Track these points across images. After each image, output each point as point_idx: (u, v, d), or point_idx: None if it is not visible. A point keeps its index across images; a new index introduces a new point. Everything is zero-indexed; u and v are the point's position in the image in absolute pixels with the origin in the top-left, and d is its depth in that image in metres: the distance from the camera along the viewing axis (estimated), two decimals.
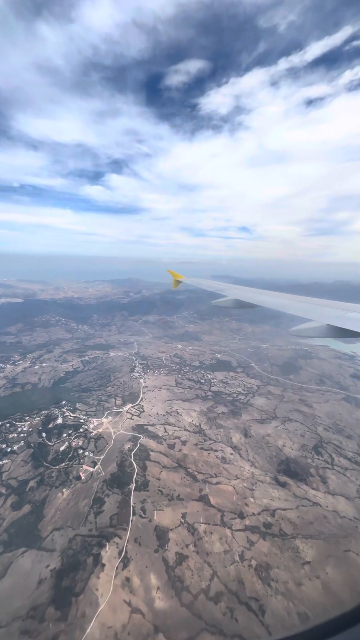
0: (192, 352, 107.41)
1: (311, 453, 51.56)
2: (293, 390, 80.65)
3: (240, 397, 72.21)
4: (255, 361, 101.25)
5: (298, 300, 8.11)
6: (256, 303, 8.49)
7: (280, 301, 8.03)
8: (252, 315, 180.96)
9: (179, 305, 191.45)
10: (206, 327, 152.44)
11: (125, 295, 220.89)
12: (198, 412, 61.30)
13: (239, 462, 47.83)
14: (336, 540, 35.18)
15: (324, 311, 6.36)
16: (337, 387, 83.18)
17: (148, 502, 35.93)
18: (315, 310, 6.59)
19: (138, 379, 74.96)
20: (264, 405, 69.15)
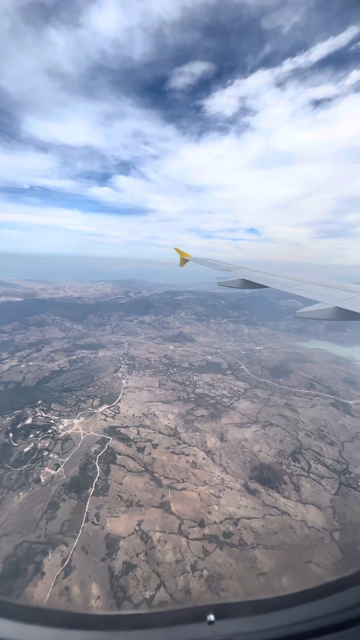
0: (182, 353, 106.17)
1: (288, 459, 49.77)
2: (281, 394, 78.60)
3: (224, 400, 70.65)
4: (246, 363, 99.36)
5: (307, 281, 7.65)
6: (263, 283, 8.23)
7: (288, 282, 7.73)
8: (250, 316, 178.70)
9: (177, 306, 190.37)
10: (202, 329, 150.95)
11: (125, 295, 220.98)
12: (176, 414, 60.10)
13: (210, 467, 46.45)
14: (299, 551, 33.57)
15: (332, 293, 6.07)
16: (326, 391, 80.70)
17: (104, 508, 34.99)
18: (323, 292, 6.32)
19: (120, 379, 74.24)
20: (247, 409, 67.46)
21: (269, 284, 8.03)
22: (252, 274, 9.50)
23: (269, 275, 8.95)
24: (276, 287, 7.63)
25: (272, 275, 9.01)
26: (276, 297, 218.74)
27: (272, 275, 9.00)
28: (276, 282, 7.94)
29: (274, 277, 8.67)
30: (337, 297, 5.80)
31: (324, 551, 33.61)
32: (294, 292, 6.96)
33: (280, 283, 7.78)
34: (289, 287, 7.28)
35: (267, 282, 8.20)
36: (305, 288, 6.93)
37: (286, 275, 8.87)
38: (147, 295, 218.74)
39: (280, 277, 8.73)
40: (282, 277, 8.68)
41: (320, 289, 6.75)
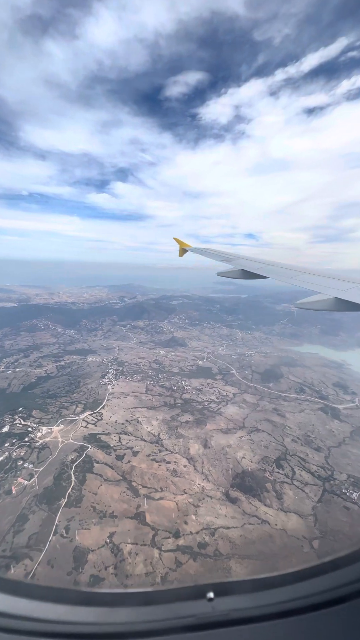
0: (173, 358, 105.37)
1: (272, 466, 48.77)
2: (270, 398, 77.75)
3: (211, 406, 69.71)
4: (237, 368, 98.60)
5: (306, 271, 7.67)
6: (263, 274, 8.21)
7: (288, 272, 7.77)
8: (245, 321, 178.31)
9: (171, 310, 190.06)
10: (195, 333, 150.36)
11: (120, 300, 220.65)
12: (160, 420, 59.10)
13: (191, 475, 45.40)
14: (275, 560, 32.48)
15: (332, 284, 6.08)
16: (316, 396, 79.90)
17: (75, 520, 33.88)
18: (323, 282, 6.32)
19: (106, 385, 73.27)
20: (234, 414, 66.52)
21: (269, 274, 8.01)
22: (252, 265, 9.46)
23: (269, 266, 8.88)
24: (275, 277, 7.60)
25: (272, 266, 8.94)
26: (271, 302, 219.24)
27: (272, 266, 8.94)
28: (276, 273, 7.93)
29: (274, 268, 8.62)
30: (337, 287, 5.77)
31: (302, 560, 32.52)
32: (294, 282, 6.90)
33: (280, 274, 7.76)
34: (288, 278, 7.23)
35: (267, 272, 8.15)
36: (304, 278, 6.88)
37: (286, 266, 8.81)
38: (142, 300, 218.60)
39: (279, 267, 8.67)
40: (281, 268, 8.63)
41: (320, 279, 6.67)
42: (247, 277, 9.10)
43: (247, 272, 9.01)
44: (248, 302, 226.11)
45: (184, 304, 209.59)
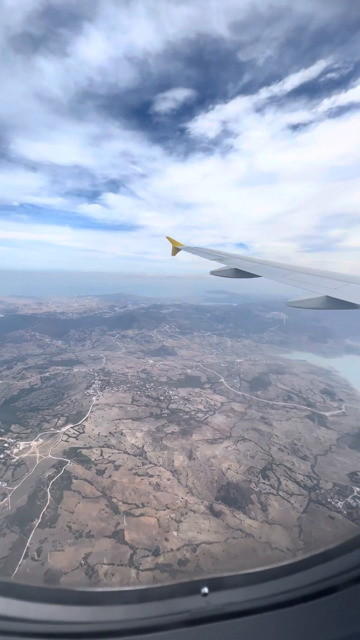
0: (162, 367, 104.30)
1: (257, 477, 47.91)
2: (258, 407, 77.34)
3: (198, 415, 68.72)
4: (225, 376, 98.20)
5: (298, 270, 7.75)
6: (256, 272, 8.22)
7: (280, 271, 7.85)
8: (235, 329, 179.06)
9: (161, 319, 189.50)
10: (185, 342, 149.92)
11: (110, 309, 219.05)
12: (145, 432, 57.72)
13: (175, 488, 44.09)
14: None
15: (323, 282, 6.11)
16: (304, 403, 79.97)
17: (49, 541, 32.14)
18: (314, 281, 6.34)
19: (91, 396, 71.55)
20: (221, 423, 65.68)
21: (261, 273, 8.06)
22: (244, 264, 9.46)
23: (261, 265, 8.95)
24: (268, 276, 7.65)
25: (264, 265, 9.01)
26: (261, 310, 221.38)
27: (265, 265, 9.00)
28: (268, 272, 7.99)
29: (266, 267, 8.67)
30: (328, 286, 5.80)
31: None
32: (286, 281, 6.94)
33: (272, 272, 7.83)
34: (280, 277, 7.28)
35: (260, 271, 8.20)
36: (296, 277, 6.96)
37: (278, 265, 8.84)
38: (133, 309, 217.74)
39: (271, 266, 8.71)
40: (273, 267, 8.66)
41: (312, 278, 6.73)
42: (239, 276, 9.13)
43: (239, 271, 9.07)
44: (239, 311, 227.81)
45: (175, 312, 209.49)
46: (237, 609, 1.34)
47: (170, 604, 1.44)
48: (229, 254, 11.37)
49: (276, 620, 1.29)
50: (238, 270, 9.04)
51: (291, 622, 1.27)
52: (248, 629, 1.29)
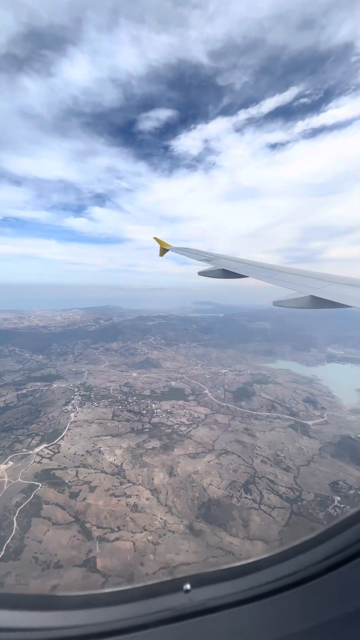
0: (146, 380, 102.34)
1: (239, 491, 46.73)
2: (241, 418, 76.73)
3: (181, 429, 67.18)
4: (209, 387, 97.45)
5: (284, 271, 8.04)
6: (243, 273, 8.46)
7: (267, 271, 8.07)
8: (220, 339, 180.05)
9: (147, 331, 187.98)
10: (170, 353, 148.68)
11: (95, 322, 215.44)
12: (124, 449, 55.54)
13: (153, 508, 42.13)
14: None
15: (308, 282, 6.35)
16: (287, 412, 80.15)
17: (11, 575, 29.46)
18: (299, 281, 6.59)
19: (70, 413, 68.66)
20: (204, 436, 64.39)
21: (248, 273, 8.27)
22: (231, 264, 9.61)
23: (248, 266, 9.16)
24: (254, 277, 7.86)
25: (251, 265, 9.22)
26: (247, 320, 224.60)
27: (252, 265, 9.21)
28: (255, 272, 8.22)
29: (253, 268, 8.89)
30: (312, 286, 6.01)
31: None
32: (272, 281, 7.11)
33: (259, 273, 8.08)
34: (266, 277, 7.51)
35: (246, 271, 8.41)
36: (282, 277, 7.18)
37: (265, 265, 9.01)
38: (118, 321, 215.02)
39: (258, 267, 8.91)
40: (260, 268, 8.85)
41: (296, 278, 6.95)
42: (227, 277, 9.23)
43: (227, 271, 9.19)
44: (224, 321, 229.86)
45: (161, 324, 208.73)
46: (219, 603, 1.37)
47: (153, 603, 1.45)
48: (216, 255, 11.57)
49: (256, 611, 1.33)
50: (225, 270, 9.23)
51: (271, 612, 1.32)
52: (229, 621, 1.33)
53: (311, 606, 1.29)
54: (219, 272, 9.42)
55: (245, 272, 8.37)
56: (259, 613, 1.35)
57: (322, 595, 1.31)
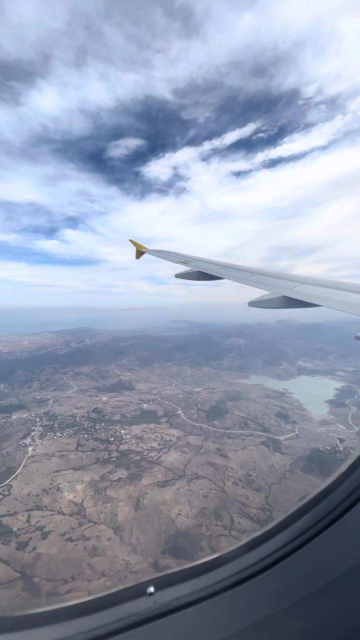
0: (116, 404, 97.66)
1: (209, 519, 44.28)
2: (215, 438, 75.00)
3: (152, 455, 63.77)
4: (182, 408, 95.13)
5: (259, 272, 8.00)
6: (218, 275, 8.60)
7: (242, 274, 8.06)
8: (195, 357, 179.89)
9: (120, 352, 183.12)
10: (144, 374, 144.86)
11: (65, 345, 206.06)
12: (87, 483, 51.04)
13: (115, 549, 38.24)
14: None
15: (280, 283, 6.45)
16: (259, 429, 79.91)
17: None
18: (272, 282, 6.66)
19: (27, 447, 62.57)
20: (175, 461, 61.49)
21: (223, 275, 8.44)
22: (208, 266, 9.69)
23: (224, 268, 9.28)
24: (230, 279, 8.02)
25: (227, 267, 9.34)
26: (221, 337, 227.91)
27: (227, 267, 9.33)
28: (230, 274, 8.36)
29: (229, 270, 9.02)
30: (285, 287, 6.23)
31: None
32: (247, 283, 7.22)
33: (234, 275, 8.26)
34: (242, 279, 7.64)
35: (222, 273, 8.57)
36: (257, 279, 7.37)
37: (239, 267, 9.13)
38: (90, 343, 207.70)
39: (233, 269, 9.01)
40: (235, 270, 8.94)
41: (270, 279, 7.16)
42: (203, 279, 9.38)
43: (203, 273, 9.31)
44: (199, 339, 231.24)
45: (135, 344, 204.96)
46: (183, 602, 1.37)
47: (118, 610, 1.42)
48: (192, 257, 11.55)
49: (218, 606, 1.36)
50: (202, 272, 9.36)
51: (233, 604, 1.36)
52: (193, 618, 1.34)
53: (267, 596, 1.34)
54: (196, 274, 9.53)
55: (221, 274, 8.49)
56: (221, 607, 1.37)
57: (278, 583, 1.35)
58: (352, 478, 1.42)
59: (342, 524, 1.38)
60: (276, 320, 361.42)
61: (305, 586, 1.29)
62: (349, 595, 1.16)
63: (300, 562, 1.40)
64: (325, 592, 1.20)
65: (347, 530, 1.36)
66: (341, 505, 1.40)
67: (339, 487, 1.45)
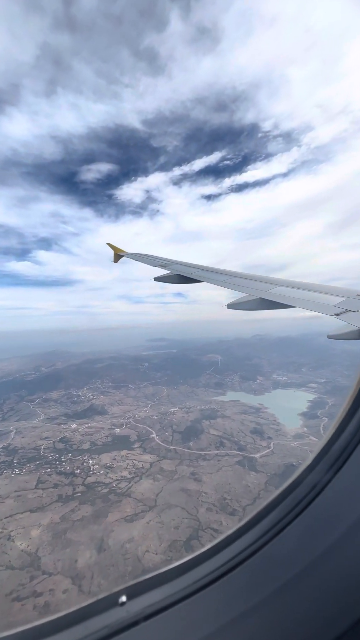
0: (86, 431, 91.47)
1: (180, 551, 40.95)
2: (190, 460, 71.94)
3: (121, 486, 59.23)
4: (157, 430, 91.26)
5: (236, 275, 7.92)
6: (197, 278, 8.20)
7: (221, 277, 7.94)
8: (172, 376, 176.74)
9: (93, 374, 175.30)
10: (118, 397, 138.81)
11: (35, 370, 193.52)
12: (44, 526, 45.61)
13: (72, 601, 33.35)
14: None
15: (257, 285, 6.63)
16: (235, 447, 78.25)
17: None
18: (249, 284, 6.87)
19: None
20: (146, 491, 57.53)
21: (203, 278, 8.42)
22: (187, 270, 9.59)
23: (203, 271, 9.16)
24: (209, 281, 7.97)
25: (206, 271, 9.23)
26: (198, 354, 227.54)
27: (206, 271, 9.23)
28: (209, 277, 8.37)
29: (208, 273, 8.95)
30: (261, 289, 6.35)
31: None
32: (225, 286, 7.27)
33: (213, 278, 8.25)
34: (220, 282, 7.64)
35: (201, 277, 8.57)
36: (235, 282, 7.42)
37: (219, 271, 9.04)
38: (62, 367, 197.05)
39: (212, 272, 8.95)
40: (214, 273, 8.88)
41: (247, 282, 7.23)
42: (183, 282, 9.20)
43: (183, 276, 9.15)
44: (177, 357, 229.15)
45: (110, 365, 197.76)
46: (157, 608, 1.35)
47: (90, 624, 1.36)
48: (171, 260, 11.19)
49: (190, 609, 1.34)
50: (181, 276, 9.20)
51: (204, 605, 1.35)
52: (169, 623, 1.32)
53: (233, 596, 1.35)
54: (175, 277, 9.34)
55: (200, 277, 8.47)
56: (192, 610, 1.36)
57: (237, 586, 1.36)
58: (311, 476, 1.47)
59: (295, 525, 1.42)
60: (252, 335, 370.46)
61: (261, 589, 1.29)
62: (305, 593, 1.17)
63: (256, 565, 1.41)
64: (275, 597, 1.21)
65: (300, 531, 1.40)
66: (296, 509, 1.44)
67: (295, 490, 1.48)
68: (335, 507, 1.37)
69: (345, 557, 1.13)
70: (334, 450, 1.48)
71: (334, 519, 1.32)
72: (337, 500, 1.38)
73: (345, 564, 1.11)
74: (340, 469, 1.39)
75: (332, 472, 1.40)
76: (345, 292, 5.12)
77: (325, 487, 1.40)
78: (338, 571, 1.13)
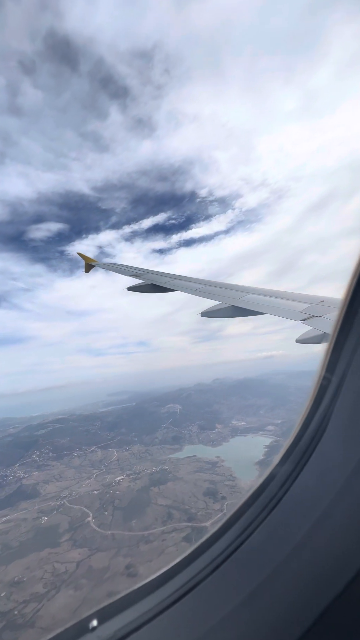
0: (2, 528, 71.92)
1: None
2: (128, 547, 59.15)
3: (26, 611, 44.27)
4: (95, 510, 76.09)
5: (208, 284, 8.11)
6: (170, 287, 8.42)
7: (193, 285, 8.19)
8: (127, 434, 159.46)
9: (32, 444, 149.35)
10: (57, 470, 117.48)
11: None
12: None
13: None
14: None
15: (229, 294, 6.86)
16: (184, 518, 67.77)
17: None
18: (221, 293, 7.11)
19: None
20: (61, 609, 43.70)
21: (175, 287, 8.43)
22: (160, 279, 9.46)
23: (175, 280, 9.11)
24: (182, 290, 8.08)
25: (178, 279, 9.21)
26: (157, 405, 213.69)
27: (179, 279, 9.20)
28: (181, 286, 8.34)
29: (180, 282, 8.91)
30: (233, 297, 6.48)
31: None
32: (197, 294, 7.40)
33: (185, 287, 8.24)
34: (193, 290, 7.74)
35: (174, 285, 8.53)
36: (207, 290, 7.56)
37: (191, 280, 8.97)
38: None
39: (185, 281, 8.90)
40: (186, 282, 8.81)
41: (218, 290, 7.42)
42: (156, 291, 9.13)
43: (156, 286, 9.14)
44: (134, 411, 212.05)
45: (54, 430, 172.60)
46: (129, 629, 1.20)
47: None
48: (144, 270, 11.36)
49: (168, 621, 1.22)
50: (154, 285, 9.24)
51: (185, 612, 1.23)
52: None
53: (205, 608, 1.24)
54: (148, 287, 9.50)
55: (172, 286, 8.70)
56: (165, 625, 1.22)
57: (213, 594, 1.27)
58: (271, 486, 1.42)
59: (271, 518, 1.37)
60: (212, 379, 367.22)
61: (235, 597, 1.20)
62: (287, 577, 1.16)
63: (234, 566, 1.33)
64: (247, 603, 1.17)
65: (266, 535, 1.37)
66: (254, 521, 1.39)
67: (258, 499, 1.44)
68: (305, 500, 1.35)
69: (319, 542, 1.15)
70: (300, 447, 1.44)
71: (305, 510, 1.30)
72: (305, 493, 1.37)
73: (319, 550, 1.13)
74: (306, 464, 1.39)
75: (299, 468, 1.39)
76: (309, 299, 5.34)
77: (294, 482, 1.38)
78: (314, 555, 1.15)
